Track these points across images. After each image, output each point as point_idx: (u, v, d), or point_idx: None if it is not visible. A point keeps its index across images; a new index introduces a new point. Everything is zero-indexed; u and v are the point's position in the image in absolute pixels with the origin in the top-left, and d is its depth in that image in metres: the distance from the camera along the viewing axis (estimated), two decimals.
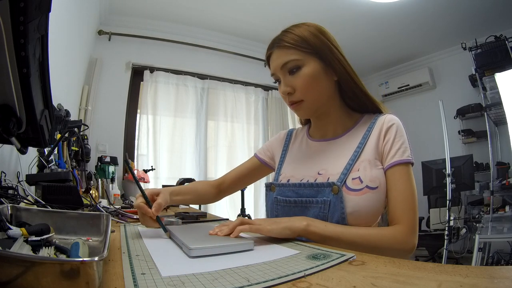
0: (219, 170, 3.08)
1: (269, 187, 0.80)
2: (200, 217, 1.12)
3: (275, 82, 0.77)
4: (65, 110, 1.36)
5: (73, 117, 1.95)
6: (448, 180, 2.68)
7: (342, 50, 0.76)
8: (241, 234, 0.57)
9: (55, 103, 1.15)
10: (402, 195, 0.65)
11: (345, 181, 0.67)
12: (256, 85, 3.41)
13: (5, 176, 0.91)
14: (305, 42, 0.70)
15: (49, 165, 1.18)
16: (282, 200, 0.75)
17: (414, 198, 0.66)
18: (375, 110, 0.78)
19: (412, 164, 0.69)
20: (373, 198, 0.65)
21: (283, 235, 0.59)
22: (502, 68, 2.54)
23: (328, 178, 0.70)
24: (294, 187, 0.74)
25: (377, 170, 0.68)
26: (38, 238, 0.42)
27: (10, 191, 0.83)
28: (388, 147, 0.69)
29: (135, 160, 2.74)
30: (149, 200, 0.68)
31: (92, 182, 2.04)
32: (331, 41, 0.73)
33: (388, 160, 0.69)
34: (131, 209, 1.15)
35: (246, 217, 2.48)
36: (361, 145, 0.72)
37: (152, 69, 2.88)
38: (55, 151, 1.31)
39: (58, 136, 1.25)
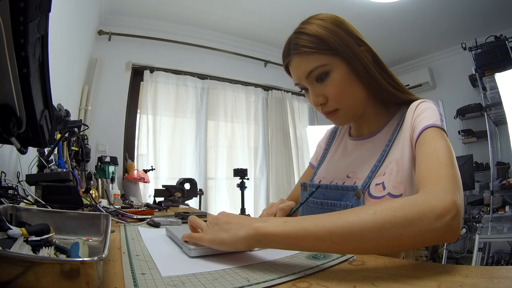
0: (219, 170, 3.07)
1: (303, 186, 0.78)
2: (200, 217, 1.12)
3: (301, 91, 0.70)
4: (65, 110, 1.35)
5: (73, 117, 1.95)
6: None
7: (363, 38, 0.68)
8: None
9: (55, 103, 1.14)
10: (430, 156, 0.50)
11: (369, 185, 0.61)
12: (256, 85, 3.41)
13: (5, 176, 0.91)
14: (324, 42, 0.62)
15: (49, 165, 1.18)
16: (310, 201, 0.71)
17: (449, 158, 0.48)
18: (411, 101, 0.67)
19: (445, 131, 0.55)
20: None
21: (224, 249, 0.44)
22: (502, 68, 2.53)
23: (355, 182, 0.65)
24: (322, 188, 0.71)
25: (404, 173, 0.59)
26: (38, 238, 0.42)
27: (10, 191, 0.83)
28: (415, 124, 0.59)
29: (135, 160, 2.74)
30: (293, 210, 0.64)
31: (92, 182, 2.05)
32: (350, 33, 0.65)
33: (415, 136, 0.58)
34: (131, 209, 1.15)
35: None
36: (389, 142, 0.64)
37: (152, 69, 2.88)
38: (55, 151, 1.31)
39: (58, 136, 1.25)
